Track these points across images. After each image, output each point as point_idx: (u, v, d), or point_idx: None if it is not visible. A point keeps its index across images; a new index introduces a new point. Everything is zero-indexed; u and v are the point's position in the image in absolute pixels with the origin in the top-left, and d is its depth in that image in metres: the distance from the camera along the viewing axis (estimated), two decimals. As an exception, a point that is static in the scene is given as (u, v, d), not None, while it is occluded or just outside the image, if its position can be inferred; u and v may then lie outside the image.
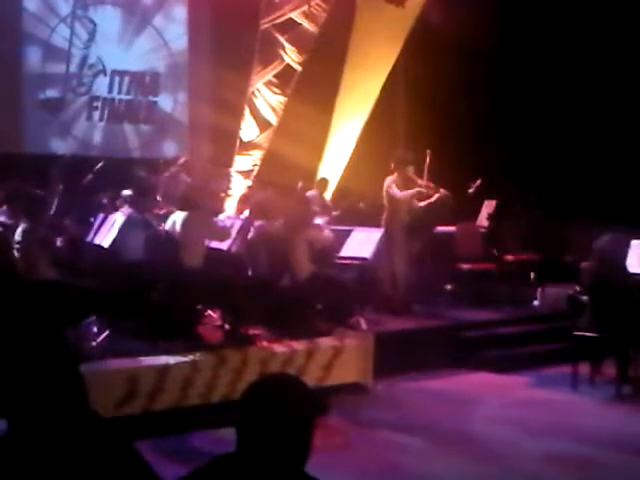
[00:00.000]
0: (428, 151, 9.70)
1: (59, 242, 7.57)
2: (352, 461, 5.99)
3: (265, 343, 7.35)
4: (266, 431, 2.18)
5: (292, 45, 13.60)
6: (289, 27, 13.56)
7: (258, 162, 13.71)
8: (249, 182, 13.17)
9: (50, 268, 6.96)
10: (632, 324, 7.57)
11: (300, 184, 11.71)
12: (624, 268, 7.91)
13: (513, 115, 12.45)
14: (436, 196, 9.49)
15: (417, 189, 9.48)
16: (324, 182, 12.40)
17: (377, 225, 9.52)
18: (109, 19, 12.68)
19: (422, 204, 9.61)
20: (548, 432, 6.67)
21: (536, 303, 10.49)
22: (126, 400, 6.33)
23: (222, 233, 8.25)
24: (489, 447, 6.33)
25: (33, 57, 12.12)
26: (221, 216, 9.30)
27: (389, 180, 9.54)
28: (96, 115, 12.68)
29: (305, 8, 13.47)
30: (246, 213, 9.36)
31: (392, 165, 9.63)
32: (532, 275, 11.03)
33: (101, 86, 12.67)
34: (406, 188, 9.54)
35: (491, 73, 12.51)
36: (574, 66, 11.96)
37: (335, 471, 4.73)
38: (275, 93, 13.76)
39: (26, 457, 2.30)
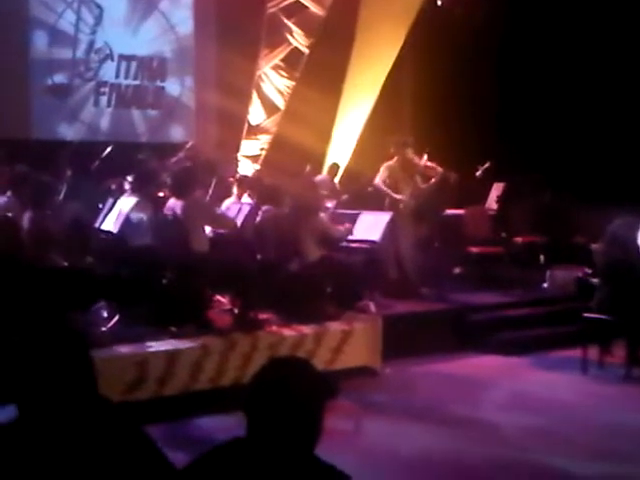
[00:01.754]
0: (425, 154, 9.69)
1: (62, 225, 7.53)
2: (361, 444, 6.01)
3: (274, 327, 7.36)
4: (276, 415, 2.18)
5: (299, 28, 13.52)
6: (296, 10, 13.48)
7: (266, 146, 13.68)
8: (257, 166, 13.14)
9: (58, 254, 6.96)
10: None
11: (308, 168, 11.69)
12: (636, 250, 7.89)
13: (521, 97, 12.39)
14: (435, 178, 9.55)
15: (395, 197, 9.47)
16: (335, 167, 12.44)
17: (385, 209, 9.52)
18: (115, 3, 12.62)
19: (424, 186, 9.65)
20: (556, 415, 6.67)
21: (545, 285, 10.47)
22: (136, 385, 6.35)
23: (223, 219, 8.20)
24: (497, 430, 6.33)
25: (40, 42, 12.09)
26: (227, 201, 9.26)
27: (384, 165, 9.60)
28: (103, 100, 12.65)
29: (311, -9, 13.40)
30: (245, 197, 9.31)
31: (391, 150, 9.65)
32: (541, 257, 11.00)
33: (108, 71, 12.63)
34: (406, 170, 9.61)
35: (498, 57, 12.44)
36: (584, 46, 11.87)
37: (344, 454, 4.72)
38: (282, 77, 13.71)
39: (36, 442, 2.31)
